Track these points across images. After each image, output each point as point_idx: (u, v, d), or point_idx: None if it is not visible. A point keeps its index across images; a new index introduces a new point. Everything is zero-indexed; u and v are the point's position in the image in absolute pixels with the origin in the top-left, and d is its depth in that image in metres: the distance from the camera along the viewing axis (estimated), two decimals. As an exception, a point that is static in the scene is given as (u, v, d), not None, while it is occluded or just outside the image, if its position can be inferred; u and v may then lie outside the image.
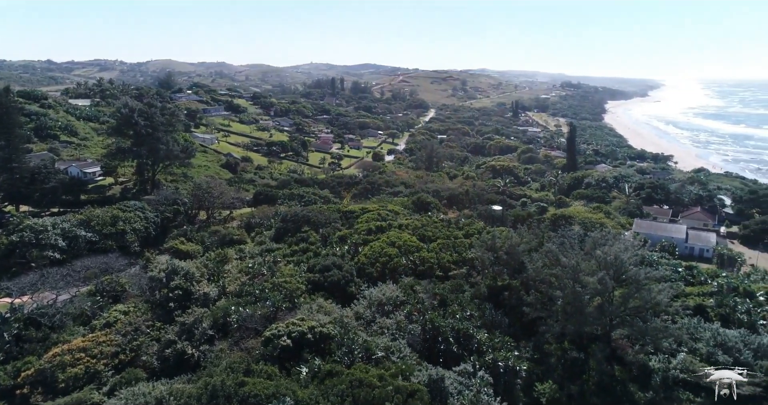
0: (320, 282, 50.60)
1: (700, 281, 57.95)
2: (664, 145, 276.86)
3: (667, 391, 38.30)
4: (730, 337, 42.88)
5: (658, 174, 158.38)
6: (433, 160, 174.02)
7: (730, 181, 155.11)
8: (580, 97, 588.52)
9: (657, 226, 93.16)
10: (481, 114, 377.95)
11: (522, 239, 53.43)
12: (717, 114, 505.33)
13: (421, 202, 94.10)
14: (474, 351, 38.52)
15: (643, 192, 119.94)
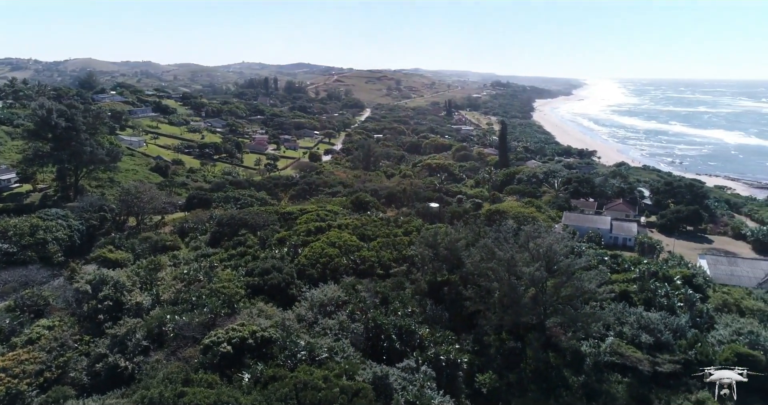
0: (260, 285, 49.68)
1: (624, 268, 61.53)
2: (588, 141, 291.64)
3: (598, 374, 40.50)
4: (652, 319, 45.90)
5: (583, 169, 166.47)
6: (370, 159, 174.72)
7: (648, 174, 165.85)
8: (510, 95, 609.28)
9: (584, 218, 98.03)
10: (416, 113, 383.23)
11: (460, 235, 54.76)
12: (632, 111, 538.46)
13: (359, 202, 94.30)
14: (416, 346, 39.11)
15: (570, 186, 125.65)
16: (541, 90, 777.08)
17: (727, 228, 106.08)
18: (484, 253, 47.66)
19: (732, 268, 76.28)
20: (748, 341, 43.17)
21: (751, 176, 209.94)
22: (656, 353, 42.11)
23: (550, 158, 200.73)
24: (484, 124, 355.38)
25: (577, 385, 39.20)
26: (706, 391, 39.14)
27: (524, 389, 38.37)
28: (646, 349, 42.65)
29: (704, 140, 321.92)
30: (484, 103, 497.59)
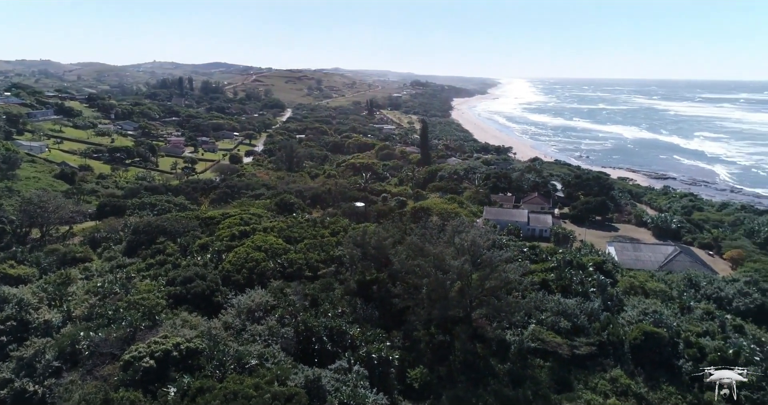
0: (183, 295, 47.64)
1: (542, 259, 64.76)
2: (504, 138, 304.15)
3: (523, 360, 42.42)
4: (569, 305, 48.69)
5: (500, 165, 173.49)
6: (293, 160, 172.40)
7: (559, 168, 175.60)
8: (429, 95, 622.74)
9: (503, 212, 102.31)
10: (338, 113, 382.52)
11: (387, 233, 55.34)
12: (542, 109, 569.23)
13: (284, 203, 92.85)
14: (348, 347, 39.12)
15: (489, 182, 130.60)
16: (459, 89, 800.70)
17: (631, 216, 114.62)
18: (411, 250, 48.46)
19: (636, 253, 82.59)
20: (653, 320, 46.89)
21: (648, 168, 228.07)
22: (574, 337, 44.69)
23: (470, 155, 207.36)
24: (406, 123, 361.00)
25: (503, 372, 40.84)
26: (619, 369, 42.15)
27: (454, 381, 39.46)
28: (564, 333, 45.16)
29: (607, 135, 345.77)
30: (404, 103, 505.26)
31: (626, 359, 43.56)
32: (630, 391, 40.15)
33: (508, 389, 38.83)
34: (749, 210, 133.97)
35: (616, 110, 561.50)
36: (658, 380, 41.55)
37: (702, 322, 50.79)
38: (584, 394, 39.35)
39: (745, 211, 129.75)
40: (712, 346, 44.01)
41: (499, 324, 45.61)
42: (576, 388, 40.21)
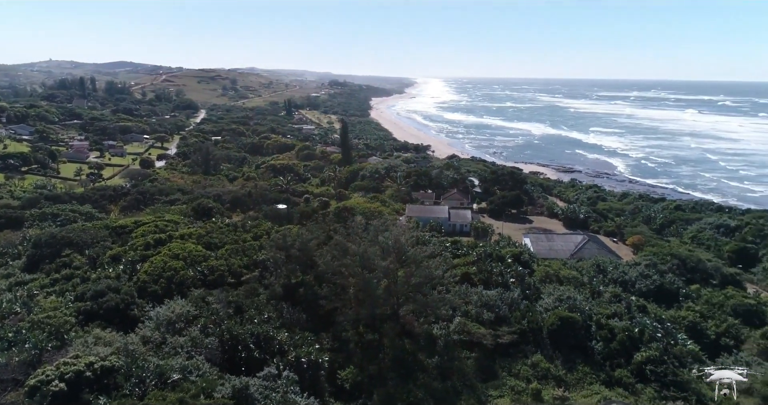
0: (94, 310, 44.54)
1: (463, 253, 66.79)
2: (422, 136, 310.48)
3: (450, 353, 43.56)
4: (491, 296, 50.60)
5: (420, 162, 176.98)
6: (209, 162, 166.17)
7: (476, 165, 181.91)
8: (348, 94, 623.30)
9: (425, 209, 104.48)
10: (256, 113, 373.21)
11: (311, 235, 54.78)
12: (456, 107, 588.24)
13: (202, 208, 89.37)
14: (276, 352, 38.36)
15: (410, 180, 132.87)
16: (377, 89, 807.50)
17: (543, 208, 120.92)
18: (336, 251, 48.29)
19: (550, 243, 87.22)
20: (568, 306, 49.80)
21: (557, 162, 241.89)
22: (497, 327, 46.54)
23: (390, 154, 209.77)
24: (325, 122, 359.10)
25: (432, 366, 41.74)
26: (539, 354, 44.39)
27: (384, 378, 39.80)
28: (488, 324, 46.90)
29: (517, 132, 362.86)
30: (323, 102, 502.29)
31: (545, 344, 45.97)
32: (550, 374, 42.43)
33: (437, 382, 39.75)
34: (646, 199, 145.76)
35: (523, 108, 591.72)
36: (575, 362, 44.21)
37: (610, 305, 54.60)
38: (508, 381, 41.11)
39: (643, 200, 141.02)
40: (621, 327, 47.41)
41: (426, 319, 46.55)
42: (501, 376, 41.91)
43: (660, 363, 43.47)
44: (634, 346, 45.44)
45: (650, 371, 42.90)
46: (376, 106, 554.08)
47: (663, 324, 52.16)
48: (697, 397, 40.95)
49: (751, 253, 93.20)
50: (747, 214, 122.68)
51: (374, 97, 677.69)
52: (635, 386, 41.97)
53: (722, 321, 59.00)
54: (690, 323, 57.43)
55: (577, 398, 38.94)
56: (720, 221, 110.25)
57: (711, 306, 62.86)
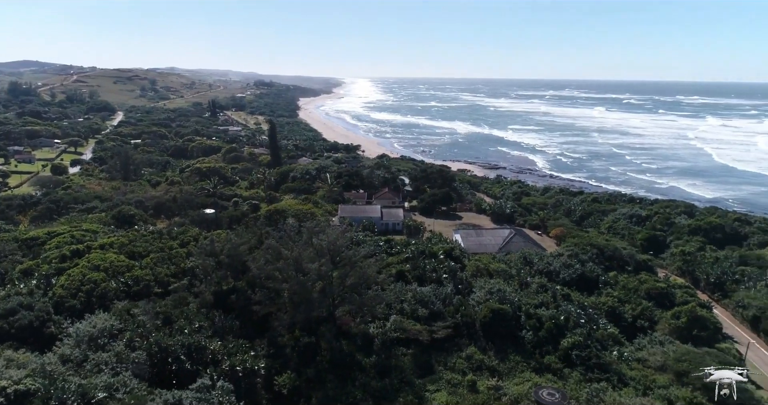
0: (5, 330, 41.12)
1: (397, 251, 67.52)
2: (352, 136, 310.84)
3: (387, 351, 43.89)
4: (425, 292, 51.51)
5: (351, 162, 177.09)
6: (129, 167, 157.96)
7: (406, 164, 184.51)
8: (275, 95, 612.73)
9: (358, 209, 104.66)
10: (178, 115, 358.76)
11: (242, 239, 53.40)
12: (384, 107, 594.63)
13: (123, 216, 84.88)
14: (209, 362, 37.11)
15: (342, 180, 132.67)
16: (305, 89, 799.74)
17: (472, 205, 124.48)
18: (269, 255, 47.37)
19: (479, 238, 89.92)
20: (498, 298, 51.54)
21: (483, 160, 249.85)
22: (432, 322, 47.41)
23: (320, 154, 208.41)
24: (252, 124, 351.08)
25: (370, 365, 41.87)
26: (473, 347, 45.66)
27: (323, 381, 39.50)
28: (423, 320, 47.67)
29: (443, 131, 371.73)
30: (249, 103, 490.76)
31: (479, 336, 47.36)
32: (484, 365, 43.76)
33: (376, 381, 39.92)
34: (566, 192, 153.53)
35: (448, 107, 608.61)
36: (507, 352, 45.87)
37: (538, 295, 57.12)
38: (445, 375, 42.00)
39: (563, 194, 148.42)
40: (548, 315, 49.69)
41: (362, 319, 46.64)
42: (437, 371, 42.75)
43: (584, 347, 45.98)
44: (561, 332, 47.77)
45: (576, 356, 45.27)
46: (304, 106, 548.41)
47: (586, 310, 55.24)
48: (618, 377, 43.63)
49: (660, 240, 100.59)
50: (655, 204, 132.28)
51: (302, 97, 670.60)
52: (563, 371, 44.14)
53: (638, 304, 63.36)
54: (609, 308, 61.22)
55: (510, 386, 40.39)
56: (632, 211, 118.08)
57: (627, 291, 67.28)
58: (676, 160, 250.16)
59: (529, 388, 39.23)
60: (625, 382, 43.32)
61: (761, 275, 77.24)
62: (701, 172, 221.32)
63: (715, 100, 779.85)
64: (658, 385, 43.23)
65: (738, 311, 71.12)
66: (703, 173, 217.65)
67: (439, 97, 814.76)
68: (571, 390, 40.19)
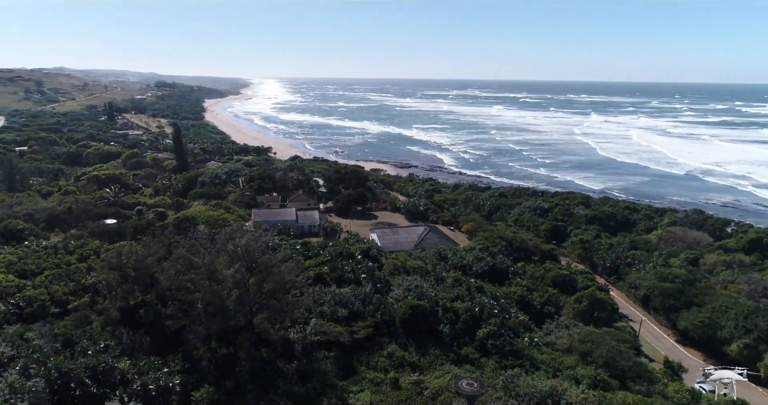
0: None
1: (314, 253, 66.98)
2: (263, 138, 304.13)
3: (309, 355, 43.44)
4: (344, 294, 51.53)
5: (263, 165, 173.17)
6: (14, 177, 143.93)
7: (319, 165, 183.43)
8: (178, 96, 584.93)
9: (272, 213, 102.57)
10: (70, 119, 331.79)
11: (149, 250, 50.52)
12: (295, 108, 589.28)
13: (10, 231, 77.26)
14: (119, 383, 34.83)
15: (254, 183, 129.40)
16: (210, 90, 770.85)
17: (386, 204, 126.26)
18: (179, 265, 45.17)
19: (395, 236, 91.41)
20: (416, 294, 52.68)
21: (395, 159, 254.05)
22: (352, 323, 47.50)
23: (230, 158, 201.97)
24: (155, 127, 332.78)
25: (291, 371, 41.21)
26: (394, 344, 46.34)
27: (243, 391, 38.37)
28: (344, 321, 47.66)
29: (355, 131, 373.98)
30: (150, 105, 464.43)
31: (399, 334, 48.14)
32: (405, 361, 44.56)
33: (298, 387, 39.40)
34: (475, 188, 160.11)
35: (357, 107, 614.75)
36: (427, 346, 47.02)
37: (453, 289, 59.07)
38: (367, 374, 42.29)
39: (472, 190, 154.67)
40: (463, 308, 51.50)
41: (281, 325, 45.75)
42: (360, 371, 42.95)
43: (498, 336, 48.18)
44: (476, 324, 49.73)
45: (491, 345, 47.33)
46: (210, 107, 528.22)
47: (498, 300, 57.90)
48: (530, 362, 46.15)
49: (561, 229, 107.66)
50: (556, 196, 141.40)
51: (208, 98, 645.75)
52: (480, 360, 45.98)
53: (544, 292, 67.44)
54: (519, 297, 64.67)
55: (431, 380, 41.43)
56: (536, 204, 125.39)
57: (535, 280, 71.42)
58: (570, 154, 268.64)
59: (449, 380, 40.42)
60: (536, 366, 45.92)
61: (649, 258, 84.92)
62: (592, 165, 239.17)
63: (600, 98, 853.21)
64: (566, 367, 46.25)
65: (631, 292, 77.75)
66: (593, 166, 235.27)
67: (348, 98, 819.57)
68: (488, 378, 41.93)
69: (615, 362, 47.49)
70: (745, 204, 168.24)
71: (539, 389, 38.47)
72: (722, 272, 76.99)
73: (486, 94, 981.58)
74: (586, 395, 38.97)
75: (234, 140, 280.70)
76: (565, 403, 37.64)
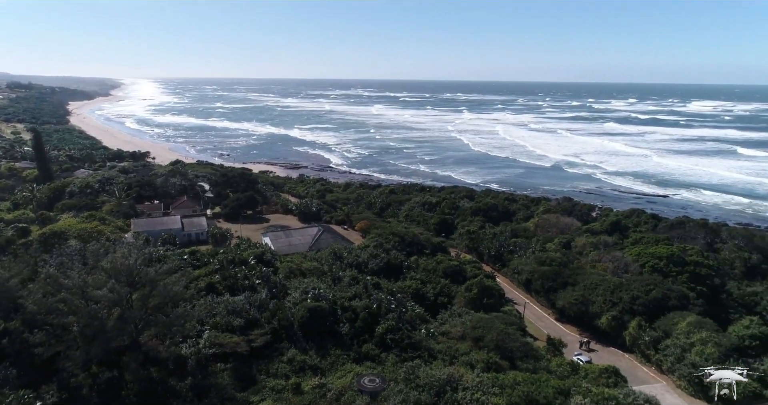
0: None
1: (204, 262, 63.93)
2: (139, 142, 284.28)
3: (203, 370, 41.41)
4: (239, 302, 49.76)
5: (141, 171, 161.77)
6: None
7: (204, 169, 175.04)
8: (37, 98, 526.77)
9: (154, 222, 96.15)
10: None
11: (10, 272, 44.96)
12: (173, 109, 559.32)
13: None
14: (-20, 425, 30.71)
15: (132, 191, 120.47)
16: (75, 91, 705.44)
17: (278, 206, 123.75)
18: (48, 286, 40.73)
19: (289, 239, 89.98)
20: (313, 296, 52.22)
21: (284, 159, 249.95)
22: (249, 331, 46.00)
23: (102, 165, 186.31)
24: (9, 133, 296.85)
25: (185, 389, 39.03)
26: (294, 349, 45.59)
27: (133, 416, 35.69)
28: (240, 330, 46.00)
29: (241, 132, 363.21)
30: (3, 109, 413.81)
31: (298, 338, 47.47)
32: (306, 365, 44.06)
33: (194, 404, 37.41)
34: (365, 186, 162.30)
35: (241, 108, 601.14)
36: (327, 348, 46.83)
37: (351, 288, 59.37)
38: (268, 383, 41.22)
39: (363, 188, 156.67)
40: (361, 306, 51.99)
41: (172, 340, 43.04)
42: (260, 380, 41.73)
43: (397, 330, 49.28)
44: (375, 320, 50.43)
45: (390, 339, 48.27)
46: (76, 111, 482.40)
47: (395, 295, 59.16)
48: (428, 352, 47.75)
49: (449, 222, 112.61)
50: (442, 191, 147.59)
51: (73, 100, 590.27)
52: (381, 356, 46.72)
53: (437, 283, 70.11)
54: (414, 290, 66.63)
55: (334, 381, 41.35)
56: (424, 199, 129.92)
57: (427, 272, 73.97)
58: (449, 151, 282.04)
59: (351, 379, 40.61)
60: (434, 356, 47.61)
61: (528, 244, 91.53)
62: (469, 160, 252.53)
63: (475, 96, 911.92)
64: (462, 353, 48.49)
65: (514, 277, 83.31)
66: (472, 161, 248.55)
67: (229, 98, 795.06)
68: (389, 372, 42.72)
69: (504, 344, 50.63)
70: (606, 190, 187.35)
71: (438, 378, 39.95)
72: (590, 253, 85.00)
73: (369, 93, 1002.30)
74: (480, 378, 41.15)
75: (106, 146, 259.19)
76: (462, 388, 39.42)
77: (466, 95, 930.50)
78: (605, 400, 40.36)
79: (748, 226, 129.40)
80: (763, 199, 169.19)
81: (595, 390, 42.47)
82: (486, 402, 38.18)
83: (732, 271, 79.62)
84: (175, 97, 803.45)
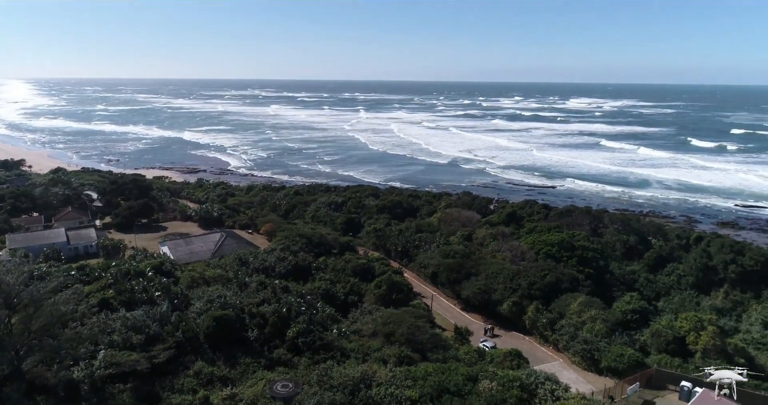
0: None
1: (95, 277, 59.32)
2: (11, 150, 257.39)
3: (99, 393, 38.39)
4: (137, 317, 46.67)
5: (15, 182, 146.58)
6: None
7: (90, 176, 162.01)
8: None
9: (34, 236, 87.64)
10: None
11: None
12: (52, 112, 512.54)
13: None
14: None
15: (6, 203, 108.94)
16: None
17: (176, 213, 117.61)
18: None
19: (189, 247, 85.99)
20: (219, 305, 50.29)
21: (180, 163, 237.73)
22: (150, 347, 43.26)
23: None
24: None
25: (81, 415, 36.00)
26: (200, 361, 43.61)
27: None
28: (140, 347, 43.14)
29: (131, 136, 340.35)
30: None
31: (205, 349, 45.52)
32: (215, 376, 42.35)
33: (92, 430, 34.62)
34: (269, 188, 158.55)
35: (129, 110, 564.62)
36: (236, 357, 45.33)
37: (258, 293, 57.86)
38: (174, 399, 39.09)
39: (267, 190, 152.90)
40: (270, 311, 50.87)
41: (61, 365, 39.50)
42: (164, 397, 39.46)
43: (308, 333, 48.79)
44: (285, 324, 49.55)
45: (302, 342, 47.69)
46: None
47: (304, 298, 58.53)
48: (341, 352, 47.77)
49: (356, 221, 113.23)
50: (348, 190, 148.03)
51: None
52: (293, 360, 46.02)
53: (347, 283, 70.31)
54: (324, 291, 66.33)
55: (245, 390, 40.06)
56: (330, 199, 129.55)
57: (337, 272, 73.92)
58: (349, 150, 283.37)
59: (263, 387, 39.61)
60: (347, 355, 47.73)
61: (433, 239, 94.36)
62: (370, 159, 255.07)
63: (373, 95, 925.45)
64: (374, 350, 49.03)
65: (421, 271, 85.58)
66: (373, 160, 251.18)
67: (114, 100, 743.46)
68: (302, 376, 42.21)
69: (415, 337, 51.90)
70: (500, 184, 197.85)
71: (351, 376, 40.12)
72: (490, 244, 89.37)
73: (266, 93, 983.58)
74: (393, 373, 41.90)
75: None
76: (376, 385, 39.89)
77: (364, 95, 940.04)
78: (510, 381, 42.66)
79: (625, 211, 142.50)
80: (634, 188, 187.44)
81: (500, 373, 44.77)
82: (400, 395, 38.94)
83: (614, 252, 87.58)
84: (52, 100, 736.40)
